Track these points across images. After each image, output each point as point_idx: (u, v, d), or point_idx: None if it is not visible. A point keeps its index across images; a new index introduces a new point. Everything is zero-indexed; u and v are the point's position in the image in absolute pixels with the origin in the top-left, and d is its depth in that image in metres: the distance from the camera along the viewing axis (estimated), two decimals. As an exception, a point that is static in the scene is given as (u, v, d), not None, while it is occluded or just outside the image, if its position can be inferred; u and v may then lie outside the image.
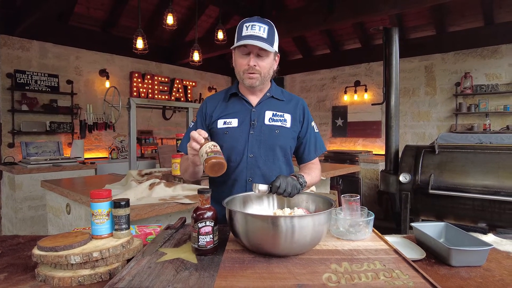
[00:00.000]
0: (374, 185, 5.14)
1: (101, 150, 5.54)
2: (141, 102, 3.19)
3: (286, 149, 1.34)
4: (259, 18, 1.24)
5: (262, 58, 1.24)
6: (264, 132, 1.30)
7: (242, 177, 1.29)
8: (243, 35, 1.20)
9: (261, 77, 1.26)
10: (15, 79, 4.53)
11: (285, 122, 1.33)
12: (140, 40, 3.65)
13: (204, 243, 0.91)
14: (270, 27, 1.23)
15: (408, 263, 0.85)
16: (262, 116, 1.31)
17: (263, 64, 1.25)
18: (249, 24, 1.20)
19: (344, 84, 6.40)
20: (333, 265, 0.84)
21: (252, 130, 1.30)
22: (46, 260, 0.89)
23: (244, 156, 1.28)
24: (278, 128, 1.31)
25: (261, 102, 1.34)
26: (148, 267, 0.84)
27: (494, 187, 2.23)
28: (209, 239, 0.92)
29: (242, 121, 1.31)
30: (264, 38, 1.20)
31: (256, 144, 1.29)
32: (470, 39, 5.02)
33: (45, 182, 2.59)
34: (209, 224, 0.92)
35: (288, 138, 1.34)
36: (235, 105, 1.35)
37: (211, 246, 0.92)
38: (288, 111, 1.36)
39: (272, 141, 1.30)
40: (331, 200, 1.00)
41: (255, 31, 1.19)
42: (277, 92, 1.39)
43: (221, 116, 1.33)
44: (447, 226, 1.19)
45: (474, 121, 5.00)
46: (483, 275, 0.91)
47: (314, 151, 1.39)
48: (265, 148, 1.29)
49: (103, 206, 1.01)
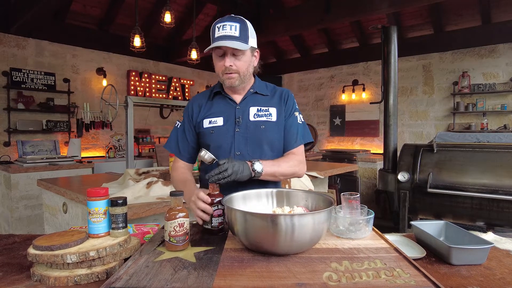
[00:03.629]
0: (372, 184, 5.15)
1: (98, 149, 5.50)
2: (139, 101, 3.17)
3: (273, 143, 1.32)
4: (230, 16, 1.22)
5: (238, 57, 1.22)
6: (250, 128, 1.29)
7: None
8: (215, 36, 1.19)
9: (240, 76, 1.25)
10: (11, 77, 4.48)
11: (270, 116, 1.31)
12: (137, 38, 3.63)
13: (217, 224, 1.05)
14: (241, 24, 1.21)
15: (409, 262, 0.84)
16: (246, 113, 1.31)
17: (239, 63, 1.23)
18: (221, 25, 1.18)
19: (342, 83, 6.40)
20: (333, 263, 0.83)
21: (238, 127, 1.29)
22: (41, 259, 0.87)
23: (231, 154, 1.28)
24: (263, 123, 1.30)
25: (245, 98, 1.33)
26: (145, 266, 0.82)
27: (492, 186, 2.24)
28: (220, 220, 1.06)
29: (227, 120, 1.30)
30: (236, 36, 1.18)
31: (242, 141, 1.28)
32: (467, 38, 5.03)
33: (41, 181, 2.56)
34: (220, 207, 1.05)
35: (274, 132, 1.32)
36: (220, 103, 1.34)
37: (222, 227, 1.07)
38: (273, 105, 1.34)
39: (258, 137, 1.29)
40: (331, 198, 0.99)
41: (226, 31, 1.17)
42: (261, 87, 1.37)
43: (206, 116, 1.32)
44: (447, 225, 1.19)
45: (472, 120, 5.02)
46: (484, 273, 0.91)
47: (295, 141, 1.34)
48: (252, 145, 1.29)
49: (100, 205, 1.00)
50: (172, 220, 0.93)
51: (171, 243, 0.92)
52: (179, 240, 0.92)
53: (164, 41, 6.26)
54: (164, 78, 6.37)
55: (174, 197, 0.96)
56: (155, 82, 6.21)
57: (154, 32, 5.79)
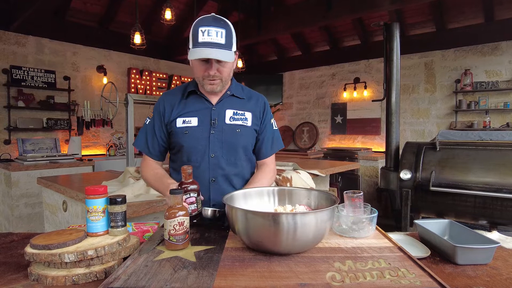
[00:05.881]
0: (374, 182, 5.13)
1: (99, 147, 5.49)
2: (139, 98, 3.15)
3: (248, 148, 1.33)
4: (214, 18, 1.15)
5: (222, 63, 1.18)
6: (226, 132, 1.26)
7: (204, 177, 1.25)
8: (199, 41, 1.11)
9: (222, 81, 1.22)
10: (11, 75, 4.47)
11: (246, 121, 1.30)
12: (137, 35, 3.61)
13: (190, 211, 1.05)
14: (227, 29, 1.14)
15: (413, 262, 0.82)
16: (222, 115, 1.27)
17: (224, 70, 1.20)
18: (205, 29, 1.10)
19: (344, 81, 6.36)
20: (337, 263, 0.81)
21: (213, 129, 1.26)
22: (39, 258, 0.85)
23: (206, 157, 1.25)
24: (239, 127, 1.28)
25: (221, 100, 1.29)
26: (144, 266, 0.81)
27: (495, 184, 2.21)
28: (193, 207, 1.07)
29: (202, 121, 1.26)
30: (223, 44, 1.12)
31: (218, 144, 1.26)
32: (470, 36, 4.98)
33: (41, 179, 2.55)
34: (193, 195, 1.07)
35: (249, 137, 1.32)
36: (195, 103, 1.29)
37: (195, 214, 1.08)
38: (249, 109, 1.32)
39: (234, 141, 1.27)
40: (334, 196, 0.97)
41: (212, 38, 1.10)
42: (237, 90, 1.34)
43: (180, 115, 1.27)
44: (451, 224, 1.17)
45: (474, 118, 4.98)
46: (490, 273, 0.89)
47: (271, 148, 1.38)
48: (227, 148, 1.27)
49: (98, 203, 0.98)
50: (172, 218, 0.91)
51: (171, 242, 0.91)
52: (179, 239, 0.91)
53: (165, 39, 6.24)
54: (165, 76, 6.35)
55: (174, 195, 0.94)
56: (156, 80, 6.19)
57: (154, 29, 5.76)
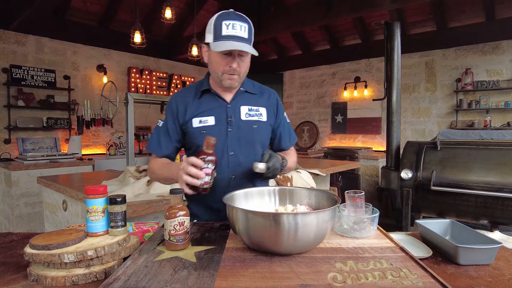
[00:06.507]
0: (374, 181, 5.12)
1: (99, 146, 5.49)
2: (139, 98, 3.15)
3: (265, 143, 1.35)
4: (236, 14, 1.17)
5: (242, 58, 1.20)
6: (242, 128, 1.27)
7: (224, 175, 1.25)
8: (223, 34, 1.13)
9: (240, 77, 1.24)
10: (11, 74, 4.46)
11: (261, 116, 1.32)
12: (137, 34, 3.60)
13: (202, 182, 1.02)
14: (249, 25, 1.18)
15: (415, 262, 0.81)
16: (238, 112, 1.28)
17: (243, 65, 1.22)
18: (229, 23, 1.14)
19: (344, 80, 6.35)
20: (338, 264, 0.81)
21: (230, 127, 1.26)
22: (38, 259, 0.85)
23: (225, 155, 1.25)
24: (255, 123, 1.30)
25: (235, 97, 1.30)
26: (145, 266, 0.80)
27: (497, 184, 2.21)
28: (207, 180, 1.02)
29: (218, 119, 1.26)
30: (246, 38, 1.15)
31: (235, 141, 1.26)
32: (471, 35, 4.97)
33: (41, 179, 2.55)
34: (210, 166, 1.02)
35: (266, 132, 1.34)
36: (209, 102, 1.29)
37: (207, 187, 1.03)
38: (263, 105, 1.34)
39: (251, 137, 1.28)
40: (335, 196, 0.96)
41: (236, 31, 1.13)
42: (249, 86, 1.35)
43: (195, 115, 1.27)
44: (452, 223, 1.16)
45: (475, 117, 4.97)
46: (492, 274, 0.88)
47: (289, 141, 1.40)
48: (245, 145, 1.27)
49: (98, 203, 0.98)
50: (172, 218, 0.90)
51: (171, 242, 0.90)
52: (179, 239, 0.90)
53: (165, 38, 6.22)
54: (165, 75, 6.34)
55: (174, 195, 0.93)
56: (156, 79, 6.17)
57: (155, 28, 5.75)
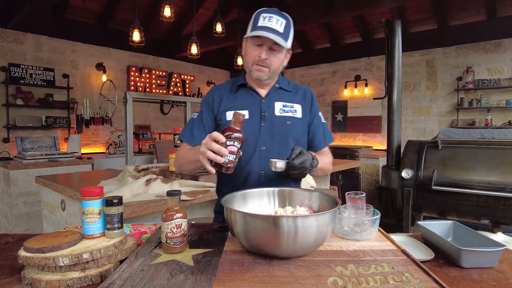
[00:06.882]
0: (374, 180, 5.10)
1: (98, 145, 5.47)
2: (138, 96, 3.13)
3: (299, 139, 1.32)
4: (278, 10, 1.19)
5: (274, 53, 1.20)
6: (276, 123, 1.27)
7: (255, 170, 1.26)
8: (258, 25, 1.15)
9: (270, 72, 1.23)
10: (9, 72, 4.44)
11: (295, 112, 1.31)
12: (136, 32, 3.58)
13: (227, 161, 0.95)
14: (287, 22, 1.19)
15: (418, 266, 0.79)
16: (272, 107, 1.28)
17: (274, 59, 1.21)
18: (267, 15, 1.16)
19: (344, 78, 6.33)
20: (339, 267, 0.79)
21: (263, 122, 1.26)
22: (32, 262, 0.83)
23: (257, 149, 1.25)
24: (290, 119, 1.29)
25: (270, 93, 1.31)
26: (141, 270, 0.79)
27: (498, 183, 2.19)
28: (232, 158, 0.95)
29: (252, 113, 1.27)
30: (280, 32, 1.15)
31: (268, 136, 1.26)
32: (472, 33, 4.94)
33: (39, 178, 2.53)
34: (237, 144, 0.95)
35: (300, 129, 1.32)
36: (244, 96, 1.31)
37: (231, 166, 0.96)
38: (298, 102, 1.34)
39: (284, 133, 1.27)
40: (336, 198, 0.94)
41: (272, 24, 1.14)
42: (284, 83, 1.36)
43: (230, 108, 1.28)
44: (455, 225, 1.15)
45: (476, 116, 4.96)
46: (496, 277, 0.86)
47: (324, 140, 1.37)
48: (278, 140, 1.26)
49: (94, 204, 0.96)
50: (169, 221, 0.89)
51: (168, 245, 0.88)
52: (176, 242, 0.88)
53: (165, 36, 6.20)
54: (165, 74, 6.32)
55: (171, 196, 0.91)
56: (155, 77, 6.16)
57: (154, 27, 5.72)
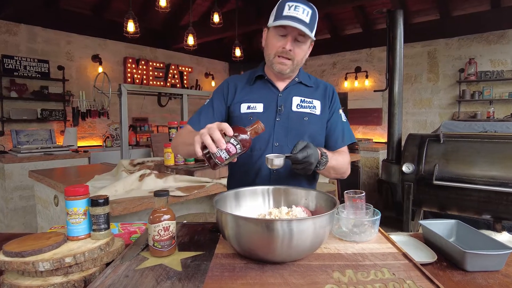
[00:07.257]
0: (374, 173, 5.06)
1: (95, 138, 5.41)
2: (133, 89, 3.05)
3: (316, 137, 1.23)
4: (304, 0, 1.12)
5: (299, 44, 1.13)
6: (292, 119, 1.20)
7: (266, 166, 1.18)
8: (284, 14, 1.08)
9: (293, 64, 1.16)
10: (2, 64, 4.36)
11: (314, 109, 1.23)
12: (131, 23, 3.48)
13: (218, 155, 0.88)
14: (313, 11, 1.12)
15: (420, 271, 0.75)
16: (289, 102, 1.21)
17: (298, 51, 1.14)
18: (292, 4, 1.09)
19: (345, 70, 6.24)
20: (336, 273, 0.74)
21: (279, 116, 1.19)
22: (11, 267, 0.78)
23: (270, 145, 1.19)
24: (307, 115, 1.21)
25: (288, 87, 1.24)
26: (125, 276, 0.74)
27: (500, 178, 2.14)
28: (224, 156, 0.89)
29: (267, 107, 1.20)
30: (307, 22, 1.08)
31: (282, 132, 1.19)
32: (475, 23, 4.84)
33: (33, 173, 2.48)
34: (239, 149, 0.89)
35: (317, 126, 1.23)
36: (260, 89, 1.24)
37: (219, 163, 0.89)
38: (317, 98, 1.26)
39: (300, 129, 1.20)
40: (334, 198, 0.89)
41: (298, 13, 1.08)
42: (305, 78, 1.28)
43: (245, 100, 1.22)
44: (458, 224, 1.10)
45: (477, 108, 4.89)
46: (503, 282, 0.82)
47: (342, 139, 1.26)
48: (293, 137, 1.19)
49: (79, 204, 0.91)
50: (156, 223, 0.84)
51: (155, 248, 0.83)
52: (164, 245, 0.83)
53: (162, 27, 6.09)
54: (162, 65, 6.22)
55: (159, 197, 0.86)
56: (153, 69, 6.06)
57: (151, 17, 5.61)
